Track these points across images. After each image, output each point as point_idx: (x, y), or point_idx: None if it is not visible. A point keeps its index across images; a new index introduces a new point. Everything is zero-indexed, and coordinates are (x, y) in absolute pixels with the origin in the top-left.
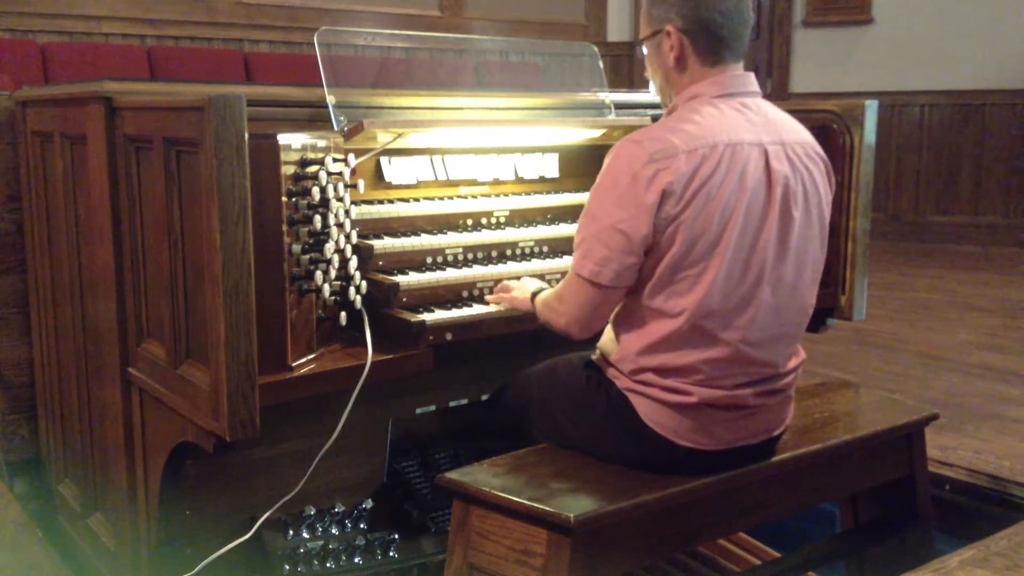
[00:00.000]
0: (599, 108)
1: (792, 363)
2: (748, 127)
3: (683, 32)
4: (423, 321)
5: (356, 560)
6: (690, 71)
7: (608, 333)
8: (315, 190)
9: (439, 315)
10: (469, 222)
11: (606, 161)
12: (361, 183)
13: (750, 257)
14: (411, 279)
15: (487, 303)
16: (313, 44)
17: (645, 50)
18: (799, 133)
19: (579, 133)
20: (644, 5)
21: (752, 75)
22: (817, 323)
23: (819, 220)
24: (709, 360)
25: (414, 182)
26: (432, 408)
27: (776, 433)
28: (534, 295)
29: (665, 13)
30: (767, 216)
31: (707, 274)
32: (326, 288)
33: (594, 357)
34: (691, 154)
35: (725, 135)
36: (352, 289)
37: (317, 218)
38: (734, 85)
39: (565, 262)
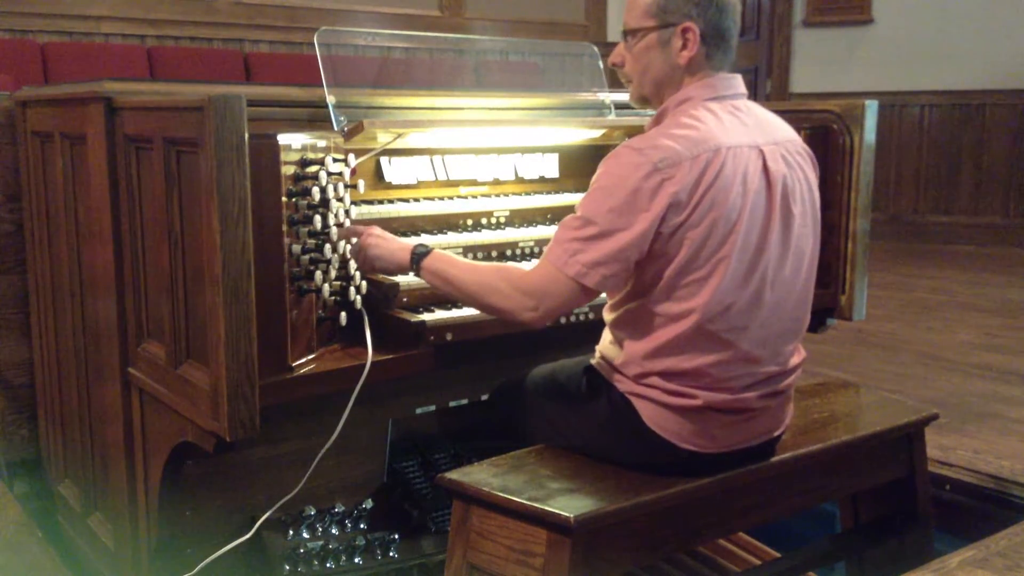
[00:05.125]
0: (599, 108)
1: (795, 361)
2: (744, 130)
3: (703, 35)
4: (423, 321)
5: (356, 560)
6: (700, 73)
7: (608, 337)
8: (315, 190)
9: (439, 315)
10: (469, 222)
11: (604, 164)
12: (361, 183)
13: (756, 259)
14: (411, 279)
15: None
16: (313, 44)
17: (633, 39)
18: (788, 131)
19: (579, 133)
20: None
21: (740, 76)
22: (817, 323)
23: (812, 215)
24: (716, 363)
25: (414, 182)
26: (432, 408)
27: (776, 434)
28: (419, 255)
29: (685, 9)
30: (770, 217)
31: (713, 278)
32: (326, 288)
33: (593, 362)
34: (695, 160)
35: (726, 139)
36: (352, 289)
37: (317, 218)
38: (724, 87)
39: None
